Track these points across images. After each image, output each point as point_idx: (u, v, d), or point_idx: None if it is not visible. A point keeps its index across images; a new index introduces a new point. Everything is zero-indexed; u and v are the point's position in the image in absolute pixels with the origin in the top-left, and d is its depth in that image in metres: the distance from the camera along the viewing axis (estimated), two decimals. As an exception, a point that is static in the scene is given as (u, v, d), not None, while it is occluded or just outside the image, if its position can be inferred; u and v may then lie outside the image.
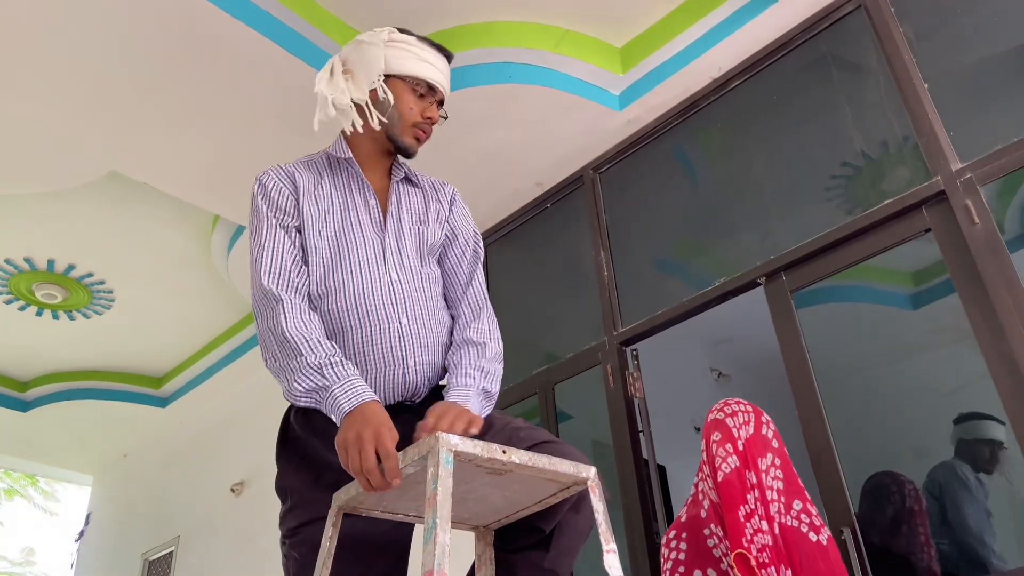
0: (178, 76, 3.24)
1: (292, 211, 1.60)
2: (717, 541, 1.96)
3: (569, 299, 3.88)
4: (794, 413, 2.75)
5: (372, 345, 1.51)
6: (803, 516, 1.93)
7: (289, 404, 1.58)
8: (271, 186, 1.62)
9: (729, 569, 1.86)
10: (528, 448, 1.42)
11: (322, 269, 1.56)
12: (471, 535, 1.50)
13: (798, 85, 3.20)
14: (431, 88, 1.66)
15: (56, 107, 3.36)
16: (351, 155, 1.67)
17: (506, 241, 4.27)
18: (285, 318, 1.44)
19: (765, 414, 2.10)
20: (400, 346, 1.53)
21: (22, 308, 5.27)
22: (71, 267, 4.91)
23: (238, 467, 5.77)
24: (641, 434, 3.26)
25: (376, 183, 1.69)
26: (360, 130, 1.64)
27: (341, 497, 1.31)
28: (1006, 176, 2.51)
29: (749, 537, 1.83)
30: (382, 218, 1.65)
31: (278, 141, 3.62)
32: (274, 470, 1.58)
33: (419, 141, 1.67)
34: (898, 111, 2.81)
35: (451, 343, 1.63)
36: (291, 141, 3.61)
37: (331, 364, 1.39)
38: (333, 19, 3.33)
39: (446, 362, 1.59)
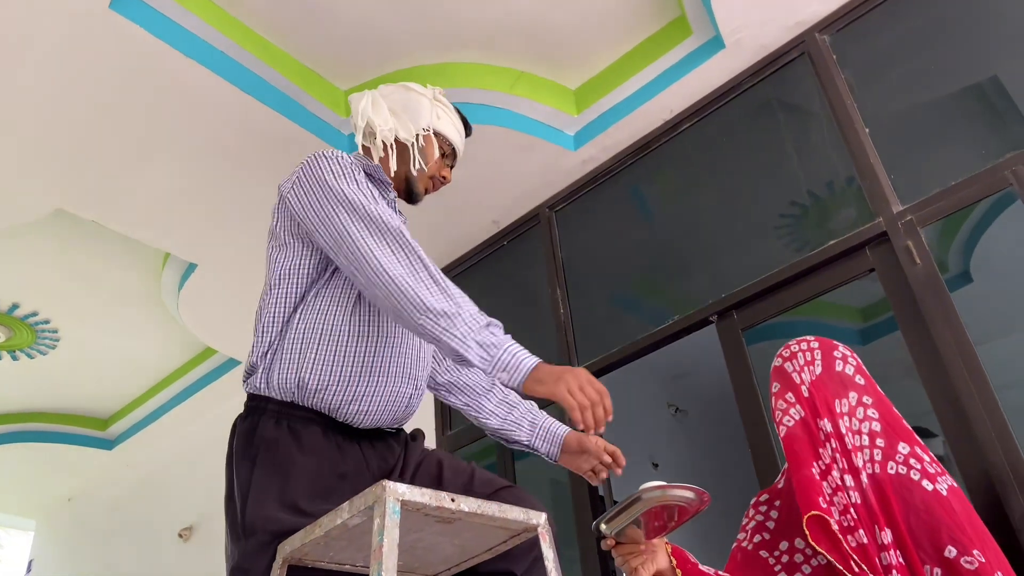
0: (126, 113, 3.20)
1: None
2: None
3: (526, 336, 3.84)
4: (746, 447, 2.77)
5: (396, 356, 1.55)
6: (912, 461, 1.55)
7: (247, 414, 1.49)
8: (360, 173, 1.61)
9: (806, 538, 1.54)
10: (489, 495, 1.42)
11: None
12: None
13: (746, 128, 3.28)
14: (454, 153, 1.84)
15: None
16: (390, 181, 1.74)
17: (463, 278, 4.26)
18: (428, 264, 1.47)
19: (841, 347, 1.75)
20: (415, 366, 1.59)
21: (-38, 348, 5.11)
22: (15, 306, 4.77)
23: (187, 512, 5.61)
24: (597, 472, 3.25)
25: None
26: (393, 165, 1.75)
27: (286, 548, 1.28)
28: (945, 218, 2.59)
29: (828, 497, 1.54)
30: None
31: (229, 178, 3.59)
32: (224, 515, 1.48)
33: (427, 191, 1.82)
34: (841, 154, 2.90)
35: None
36: (242, 178, 3.59)
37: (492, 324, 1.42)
38: (287, 57, 3.33)
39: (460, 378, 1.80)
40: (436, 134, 1.79)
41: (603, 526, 1.52)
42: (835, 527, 1.47)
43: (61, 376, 5.56)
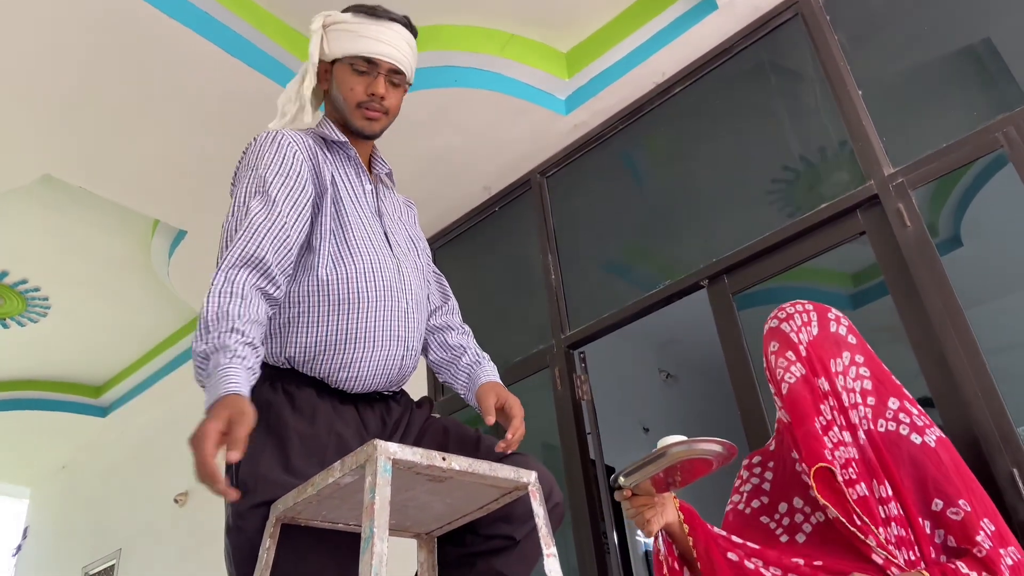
0: (114, 78, 3.16)
1: (306, 180, 1.52)
2: (802, 468, 1.68)
3: (517, 303, 3.89)
4: (736, 412, 2.79)
5: (380, 321, 1.50)
6: (902, 416, 1.60)
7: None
8: (288, 147, 1.52)
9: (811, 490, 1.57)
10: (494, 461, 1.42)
11: (334, 240, 1.51)
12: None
13: (739, 91, 3.26)
14: (370, 62, 1.59)
15: (-15, 108, 3.25)
16: (346, 139, 1.63)
17: (454, 245, 4.26)
18: (213, 293, 1.32)
19: (833, 310, 1.79)
20: (405, 326, 1.54)
21: (-48, 317, 5.09)
22: (4, 274, 4.74)
23: (181, 477, 5.63)
24: (589, 436, 3.29)
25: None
26: (316, 126, 1.64)
27: (279, 508, 1.29)
28: (936, 180, 2.58)
29: (831, 450, 1.56)
30: (376, 205, 1.65)
31: (219, 145, 3.55)
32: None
33: (372, 120, 1.62)
34: (834, 117, 2.88)
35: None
36: (230, 143, 3.53)
37: (216, 351, 1.23)
38: (275, 21, 3.28)
39: (449, 345, 1.73)
40: (339, 60, 1.61)
41: (622, 479, 1.54)
42: (840, 478, 1.50)
43: (53, 344, 5.55)
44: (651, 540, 1.72)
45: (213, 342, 1.25)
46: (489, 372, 1.69)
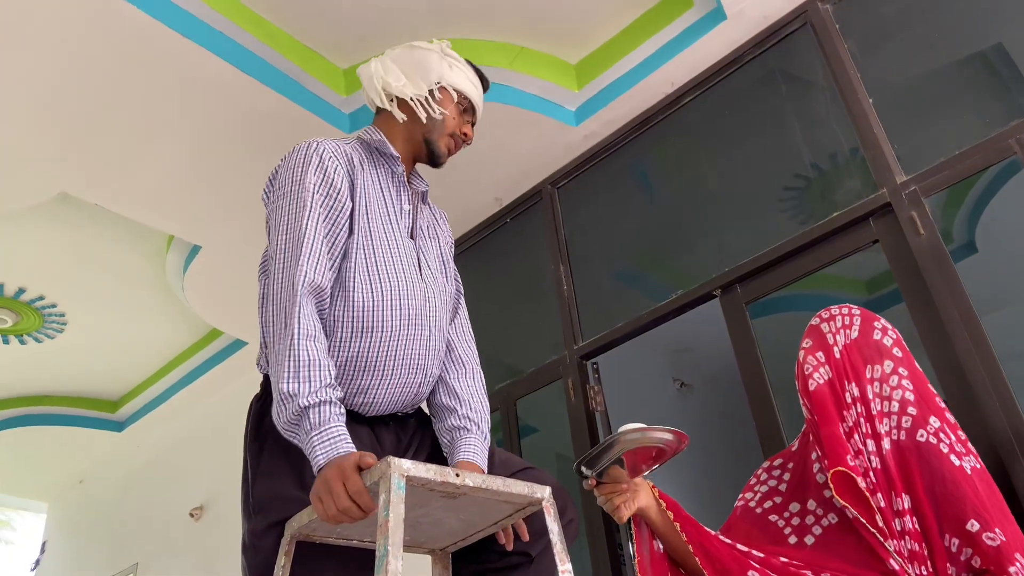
0: (129, 95, 3.19)
1: (345, 196, 1.52)
2: (821, 466, 1.63)
3: (530, 314, 3.89)
4: (752, 421, 2.78)
5: (401, 350, 1.49)
6: (942, 435, 1.53)
7: (261, 395, 1.51)
8: (329, 162, 1.52)
9: (831, 495, 1.53)
10: (507, 476, 1.42)
11: (364, 263, 1.49)
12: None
13: (749, 100, 3.26)
14: (472, 108, 1.73)
15: (1, 127, 3.28)
16: (397, 154, 1.65)
17: (466, 256, 4.26)
18: (298, 327, 1.33)
19: (882, 320, 1.71)
20: (424, 356, 1.53)
21: (-30, 333, 5.14)
22: (21, 290, 4.79)
23: (197, 491, 5.66)
24: (603, 447, 3.27)
25: None
26: (402, 122, 1.65)
27: (294, 525, 1.30)
28: (949, 188, 2.57)
29: (853, 455, 1.52)
30: (411, 226, 1.64)
31: (233, 161, 3.59)
32: (233, 494, 1.49)
33: (451, 152, 1.72)
34: (845, 125, 2.87)
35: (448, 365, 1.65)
36: (243, 159, 3.58)
37: (319, 405, 1.29)
38: (286, 36, 3.32)
39: (462, 405, 1.59)
40: (450, 88, 1.68)
41: (583, 468, 1.52)
42: (862, 485, 1.47)
43: (69, 359, 5.59)
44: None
45: (317, 396, 1.29)
46: (470, 448, 1.53)
